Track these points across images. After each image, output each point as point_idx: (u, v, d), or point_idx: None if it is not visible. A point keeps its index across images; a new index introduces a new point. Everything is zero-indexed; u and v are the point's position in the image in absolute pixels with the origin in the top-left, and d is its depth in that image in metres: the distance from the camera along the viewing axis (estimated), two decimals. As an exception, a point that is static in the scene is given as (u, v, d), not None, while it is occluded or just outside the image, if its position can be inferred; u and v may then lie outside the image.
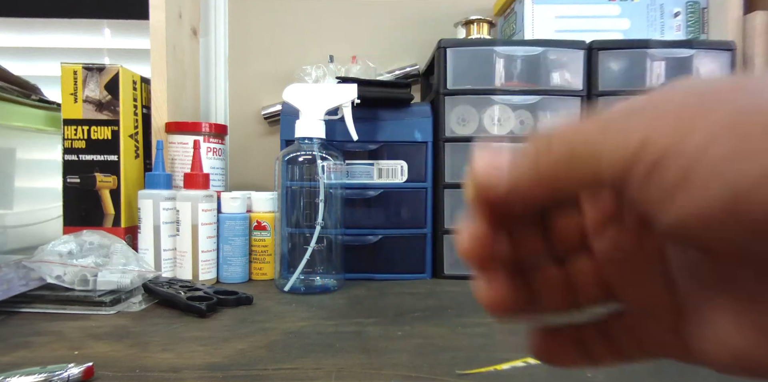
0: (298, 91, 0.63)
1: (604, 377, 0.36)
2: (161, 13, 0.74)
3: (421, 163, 0.70)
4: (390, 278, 0.69)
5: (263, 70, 0.93)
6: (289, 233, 0.63)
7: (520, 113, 0.70)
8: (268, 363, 0.38)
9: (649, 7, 0.78)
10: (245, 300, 0.55)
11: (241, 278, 0.67)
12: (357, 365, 0.38)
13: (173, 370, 0.37)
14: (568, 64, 0.71)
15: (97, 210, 0.68)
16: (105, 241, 0.58)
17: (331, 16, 0.93)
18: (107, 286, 0.54)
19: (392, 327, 0.47)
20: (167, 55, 0.75)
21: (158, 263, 0.64)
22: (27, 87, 0.73)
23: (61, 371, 0.33)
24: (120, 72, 0.68)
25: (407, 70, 0.91)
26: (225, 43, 0.93)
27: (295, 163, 0.62)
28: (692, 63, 0.70)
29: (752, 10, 0.76)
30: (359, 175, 0.70)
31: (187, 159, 0.71)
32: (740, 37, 0.76)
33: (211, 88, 0.93)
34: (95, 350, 0.41)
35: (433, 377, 0.36)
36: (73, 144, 0.68)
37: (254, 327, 0.47)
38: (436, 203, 0.70)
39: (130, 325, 0.48)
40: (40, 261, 0.53)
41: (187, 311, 0.51)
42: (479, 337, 0.45)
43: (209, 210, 0.65)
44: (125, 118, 0.69)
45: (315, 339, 0.44)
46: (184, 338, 0.44)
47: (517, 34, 0.80)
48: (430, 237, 0.70)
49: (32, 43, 1.00)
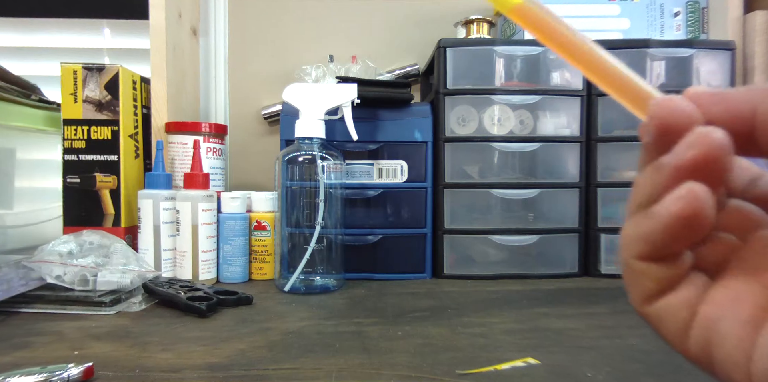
0: (298, 91, 0.63)
1: (604, 377, 0.36)
2: (161, 13, 0.74)
3: (421, 163, 0.70)
4: (390, 278, 0.69)
5: (263, 70, 0.93)
6: (289, 232, 0.63)
7: (520, 113, 0.70)
8: (268, 363, 0.38)
9: (649, 7, 0.78)
10: (245, 300, 0.55)
11: (241, 278, 0.67)
12: (357, 365, 0.38)
13: (173, 370, 0.37)
14: (568, 64, 0.71)
15: (97, 210, 0.68)
16: (105, 241, 0.58)
17: (331, 16, 0.93)
18: (107, 286, 0.54)
19: (392, 327, 0.47)
20: (167, 55, 0.75)
21: (158, 263, 0.64)
22: (27, 87, 0.73)
23: (61, 371, 0.33)
24: (120, 72, 0.68)
25: (407, 70, 0.91)
26: (225, 43, 0.93)
27: (295, 163, 0.62)
28: (692, 63, 0.70)
29: (752, 10, 0.76)
30: (359, 175, 0.70)
31: (187, 159, 0.71)
32: (740, 37, 0.76)
33: (211, 88, 0.93)
34: (95, 350, 0.41)
35: (433, 377, 0.36)
36: (73, 144, 0.68)
37: (254, 327, 0.47)
38: (436, 203, 0.70)
39: (130, 325, 0.48)
40: (40, 261, 0.53)
41: (187, 311, 0.51)
42: (479, 337, 0.45)
43: (209, 210, 0.65)
44: (125, 118, 0.69)
45: (315, 339, 0.44)
46: (184, 338, 0.44)
47: (517, 34, 0.80)
48: (430, 237, 0.70)
49: (32, 43, 1.00)
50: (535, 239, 0.70)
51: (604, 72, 0.19)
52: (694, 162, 0.16)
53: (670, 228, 0.16)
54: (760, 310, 0.16)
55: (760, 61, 0.74)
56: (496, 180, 0.70)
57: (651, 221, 0.17)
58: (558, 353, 0.40)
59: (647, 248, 0.17)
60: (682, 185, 0.16)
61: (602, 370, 0.37)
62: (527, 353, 0.40)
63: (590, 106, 0.71)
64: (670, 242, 0.17)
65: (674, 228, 0.16)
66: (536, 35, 0.20)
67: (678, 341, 0.18)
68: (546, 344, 0.43)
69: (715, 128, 0.16)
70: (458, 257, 0.71)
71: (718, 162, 0.16)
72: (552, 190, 0.70)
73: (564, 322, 0.49)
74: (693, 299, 0.17)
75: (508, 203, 0.70)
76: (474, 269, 0.70)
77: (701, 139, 0.16)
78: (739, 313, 0.16)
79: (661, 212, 0.16)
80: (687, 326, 0.17)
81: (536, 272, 0.70)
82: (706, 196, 0.16)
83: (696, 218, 0.16)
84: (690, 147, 0.16)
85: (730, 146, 0.16)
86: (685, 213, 0.16)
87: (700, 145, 0.16)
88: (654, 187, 0.17)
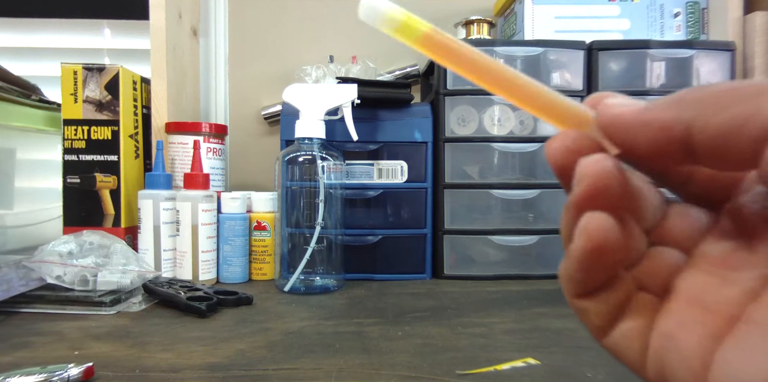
0: (298, 91, 0.63)
1: (603, 377, 0.36)
2: (161, 13, 0.74)
3: (421, 164, 0.70)
4: (390, 278, 0.69)
5: (263, 70, 0.93)
6: (289, 233, 0.63)
7: (520, 113, 0.70)
8: (268, 363, 0.38)
9: (649, 8, 0.78)
10: (245, 300, 0.55)
11: (241, 278, 0.67)
12: (357, 365, 0.38)
13: (173, 370, 0.37)
14: (568, 65, 0.71)
15: (97, 210, 0.68)
16: (105, 241, 0.58)
17: (331, 16, 0.93)
18: (107, 286, 0.54)
19: (392, 327, 0.47)
20: (167, 55, 0.75)
21: (158, 263, 0.64)
22: (27, 87, 0.73)
23: (61, 371, 0.33)
24: (120, 72, 0.68)
25: (407, 70, 0.91)
26: (225, 43, 0.93)
27: (295, 163, 0.62)
28: (692, 63, 0.71)
29: (752, 11, 0.76)
30: (359, 175, 0.70)
31: (187, 159, 0.71)
32: (740, 37, 0.76)
33: (211, 88, 0.93)
34: (95, 350, 0.41)
35: (433, 377, 0.36)
36: (73, 144, 0.68)
37: (254, 327, 0.47)
38: (436, 203, 0.70)
39: (130, 325, 0.48)
40: (40, 261, 0.53)
41: (187, 311, 0.51)
42: (479, 337, 0.45)
43: (209, 210, 0.65)
44: (125, 118, 0.69)
45: (315, 339, 0.44)
46: (184, 338, 0.44)
47: (517, 34, 0.80)
48: (430, 237, 0.70)
49: (32, 43, 1.00)
50: (535, 240, 0.70)
51: (528, 95, 0.18)
52: (585, 197, 0.16)
53: (581, 264, 0.16)
54: (707, 339, 0.15)
55: (760, 61, 0.74)
56: (496, 180, 0.70)
57: (568, 260, 0.17)
58: (558, 353, 0.40)
59: (574, 286, 0.17)
60: (581, 220, 0.16)
61: (602, 370, 0.37)
62: (527, 353, 0.40)
63: (590, 107, 0.71)
64: (587, 278, 0.17)
65: (584, 263, 0.16)
66: (454, 63, 0.18)
67: (638, 369, 0.17)
68: (546, 344, 0.43)
69: (598, 158, 0.15)
70: (458, 257, 0.71)
71: (610, 190, 0.15)
72: (552, 190, 0.70)
73: (564, 322, 0.49)
74: (642, 328, 0.17)
75: (508, 204, 0.70)
76: (474, 270, 0.70)
77: (587, 172, 0.15)
78: (686, 343, 0.15)
79: (571, 249, 0.16)
80: (642, 355, 0.17)
81: (536, 273, 0.70)
82: (606, 226, 0.15)
83: (600, 249, 0.15)
84: (578, 183, 0.16)
85: (619, 171, 0.15)
86: (588, 247, 0.16)
87: (587, 178, 0.15)
88: (567, 227, 0.17)
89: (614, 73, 0.71)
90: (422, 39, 0.18)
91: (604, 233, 0.15)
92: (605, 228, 0.15)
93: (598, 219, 0.15)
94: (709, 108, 0.14)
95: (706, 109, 0.14)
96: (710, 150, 0.14)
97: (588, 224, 0.15)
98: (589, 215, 0.16)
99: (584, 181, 0.15)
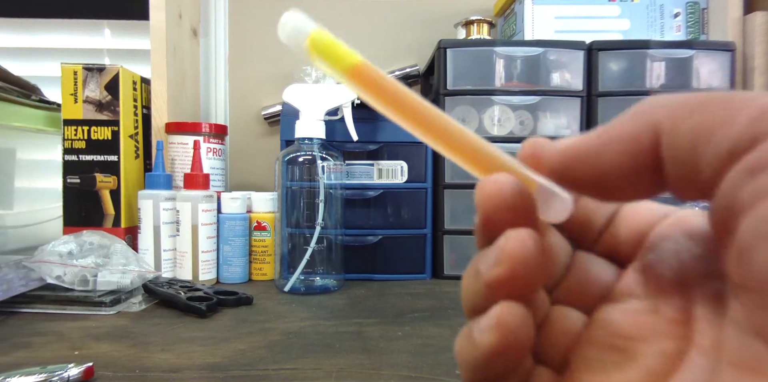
0: (298, 91, 0.63)
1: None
2: (161, 13, 0.74)
3: (421, 164, 0.70)
4: (390, 278, 0.69)
5: (263, 70, 0.93)
6: (289, 233, 0.63)
7: (520, 114, 0.70)
8: (268, 363, 0.38)
9: (649, 8, 0.78)
10: (245, 300, 0.55)
11: (241, 279, 0.67)
12: (357, 365, 0.38)
13: (173, 370, 0.37)
14: (568, 65, 0.71)
15: (97, 210, 0.68)
16: (105, 241, 0.58)
17: (331, 16, 0.93)
18: (107, 286, 0.54)
19: (392, 327, 0.47)
20: (167, 55, 0.75)
21: (158, 264, 0.64)
22: (27, 87, 0.73)
23: (61, 371, 0.33)
24: (120, 72, 0.68)
25: (407, 70, 0.91)
26: (225, 43, 0.93)
27: (295, 163, 0.62)
28: (692, 63, 0.70)
29: (752, 11, 0.76)
30: (359, 175, 0.70)
31: (187, 159, 0.71)
32: (740, 38, 0.76)
33: (211, 88, 0.93)
34: (95, 350, 0.41)
35: (433, 377, 0.36)
36: (73, 144, 0.68)
37: (254, 327, 0.47)
38: (436, 204, 0.70)
39: (130, 325, 0.48)
40: (40, 261, 0.53)
41: (187, 312, 0.51)
42: (479, 337, 0.45)
43: (209, 210, 0.65)
44: (125, 118, 0.69)
45: (315, 339, 0.44)
46: (184, 338, 0.44)
47: (517, 34, 0.80)
48: (430, 237, 0.70)
49: (32, 43, 1.00)
50: (535, 240, 0.70)
51: (451, 138, 0.17)
52: (503, 280, 0.14)
53: (486, 358, 0.15)
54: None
55: (760, 61, 0.74)
56: (496, 180, 0.70)
57: (473, 349, 0.15)
58: (558, 354, 0.40)
59: (474, 376, 0.16)
60: (493, 311, 0.14)
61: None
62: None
63: (590, 107, 0.71)
64: (489, 370, 0.15)
65: (490, 357, 0.15)
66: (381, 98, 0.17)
67: None
68: (546, 344, 0.43)
69: (524, 236, 0.14)
70: (458, 257, 0.71)
71: (530, 275, 0.14)
72: (552, 190, 0.70)
73: (564, 322, 0.49)
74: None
75: (508, 204, 0.70)
76: (474, 270, 0.70)
77: (511, 252, 0.14)
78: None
79: (478, 342, 0.15)
80: None
81: (536, 273, 0.70)
82: (520, 321, 0.14)
83: (511, 346, 0.14)
84: (498, 262, 0.14)
85: (539, 256, 0.14)
86: (500, 344, 0.14)
87: (509, 260, 0.14)
88: (474, 296, 0.15)
89: (614, 74, 0.71)
90: (355, 69, 0.16)
91: (517, 329, 0.14)
92: (519, 324, 0.14)
93: (512, 315, 0.14)
94: (679, 110, 0.13)
95: (675, 111, 0.13)
96: (679, 161, 0.13)
97: (500, 319, 0.14)
98: (503, 306, 0.14)
99: (505, 263, 0.14)
